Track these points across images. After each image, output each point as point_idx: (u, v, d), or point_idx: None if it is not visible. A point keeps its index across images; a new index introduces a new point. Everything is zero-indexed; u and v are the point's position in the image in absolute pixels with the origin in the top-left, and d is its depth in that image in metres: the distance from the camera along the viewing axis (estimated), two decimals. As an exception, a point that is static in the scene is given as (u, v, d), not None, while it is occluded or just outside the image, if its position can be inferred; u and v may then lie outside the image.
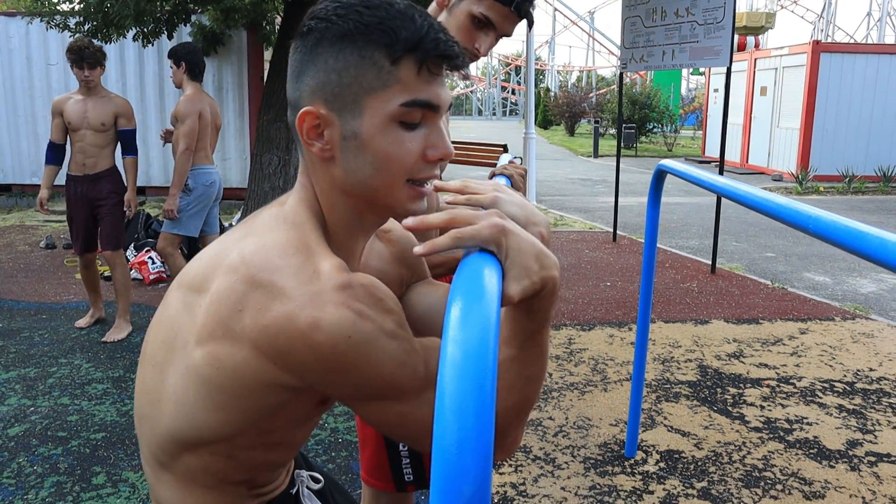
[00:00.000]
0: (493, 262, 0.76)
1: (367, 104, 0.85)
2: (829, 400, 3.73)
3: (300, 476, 1.17)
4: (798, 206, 1.32)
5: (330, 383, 0.84)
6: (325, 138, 0.88)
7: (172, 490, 0.99)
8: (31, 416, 3.39)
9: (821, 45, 14.18)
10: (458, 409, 0.56)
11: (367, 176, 0.88)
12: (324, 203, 0.93)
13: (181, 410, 0.91)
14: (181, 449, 0.94)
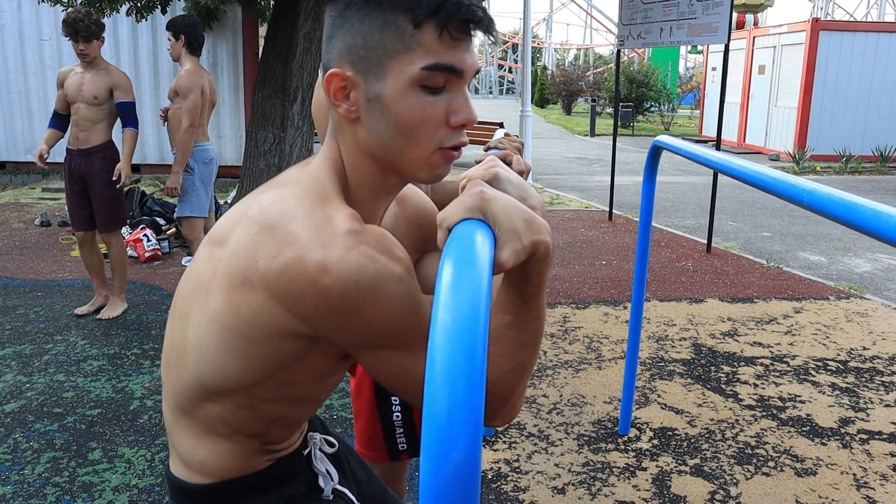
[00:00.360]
0: (485, 228, 0.75)
1: (390, 67, 0.86)
2: (823, 378, 3.75)
3: (313, 438, 1.18)
4: (793, 180, 1.32)
5: (337, 329, 0.85)
6: (350, 100, 0.90)
7: (190, 436, 1.02)
8: (26, 393, 3.40)
9: (820, 22, 14.10)
10: (449, 374, 0.56)
11: (390, 138, 0.89)
12: (348, 163, 0.95)
13: (204, 358, 0.94)
14: (204, 397, 0.97)
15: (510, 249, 0.76)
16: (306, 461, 1.15)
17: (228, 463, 1.03)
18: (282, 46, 6.96)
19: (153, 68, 9.68)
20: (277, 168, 7.25)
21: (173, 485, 1.07)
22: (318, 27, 6.86)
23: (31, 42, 9.69)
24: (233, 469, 1.03)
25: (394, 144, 0.89)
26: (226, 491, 1.04)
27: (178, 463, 1.05)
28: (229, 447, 1.02)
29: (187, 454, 1.03)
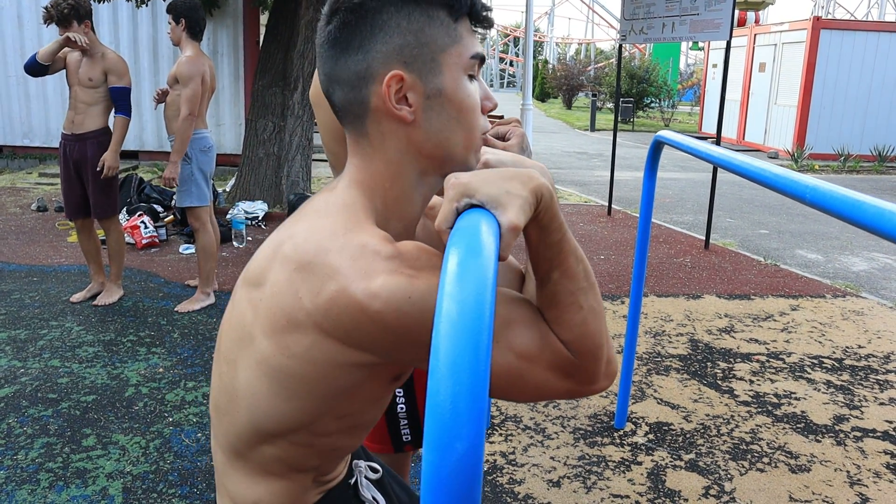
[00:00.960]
0: (488, 215, 0.74)
1: (444, 60, 0.88)
2: (818, 376, 3.76)
3: (358, 466, 1.17)
4: (796, 176, 1.32)
5: (401, 350, 0.83)
6: (409, 101, 0.88)
7: (244, 477, 1.00)
8: (21, 378, 3.39)
9: (821, 21, 14.09)
10: (453, 364, 0.55)
11: (451, 131, 0.90)
12: (388, 176, 0.92)
13: (257, 404, 0.92)
14: (260, 440, 0.95)
15: (514, 207, 0.75)
16: (353, 490, 1.14)
17: (282, 501, 1.01)
18: (283, 35, 6.93)
19: (153, 54, 9.63)
20: (276, 157, 7.23)
21: None
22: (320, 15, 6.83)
23: (29, 26, 9.64)
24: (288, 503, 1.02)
25: (454, 136, 0.91)
26: None
27: (228, 500, 1.04)
28: (284, 485, 1.00)
29: (240, 495, 1.01)
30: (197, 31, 4.37)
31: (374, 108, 0.89)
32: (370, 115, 0.90)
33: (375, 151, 0.92)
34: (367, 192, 0.92)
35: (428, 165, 0.93)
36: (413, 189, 0.94)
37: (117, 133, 4.27)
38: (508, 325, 0.84)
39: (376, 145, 0.91)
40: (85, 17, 4.17)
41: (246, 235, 6.02)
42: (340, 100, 0.91)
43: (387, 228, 0.91)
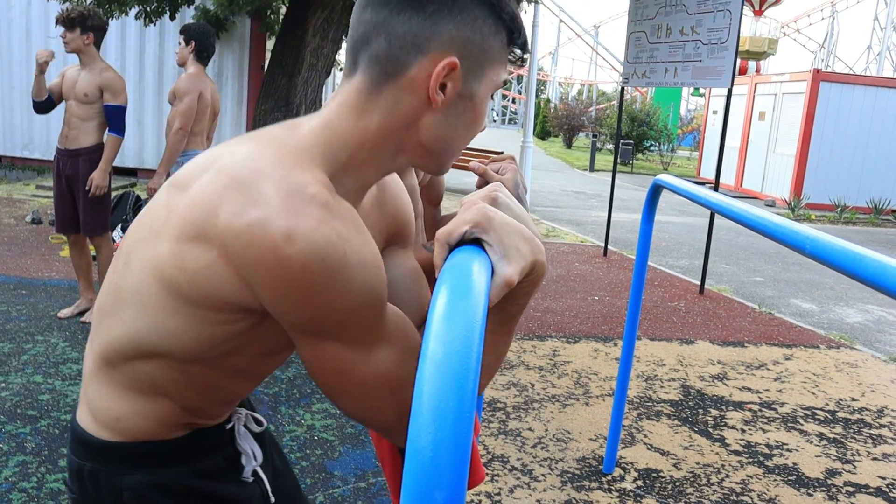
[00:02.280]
0: (482, 256, 0.72)
1: (488, 73, 0.90)
2: (811, 427, 3.71)
3: (238, 413, 1.10)
4: (795, 227, 1.30)
5: (286, 306, 0.78)
6: (446, 89, 0.87)
7: (109, 389, 0.95)
8: (1, 393, 3.33)
9: (821, 73, 14.27)
10: (437, 408, 0.53)
11: (457, 133, 0.91)
12: (371, 136, 0.88)
13: (141, 311, 0.88)
14: (136, 354, 0.91)
15: (516, 266, 0.75)
16: (229, 436, 1.08)
17: (145, 425, 0.96)
18: (288, 61, 6.98)
19: (158, 73, 9.69)
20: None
21: (78, 437, 0.99)
22: (326, 44, 6.88)
23: (37, 39, 9.70)
24: (148, 431, 0.96)
25: (456, 138, 0.92)
26: (135, 453, 0.97)
27: (88, 415, 0.98)
28: (150, 408, 0.95)
29: (101, 408, 0.96)
30: (204, 56, 4.40)
31: (411, 78, 0.86)
32: (401, 80, 0.86)
33: (377, 111, 0.88)
34: (338, 141, 0.88)
35: (413, 150, 0.91)
36: (385, 159, 0.91)
37: (108, 152, 4.23)
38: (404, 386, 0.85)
39: (382, 106, 0.87)
40: (89, 30, 4.15)
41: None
42: (378, 50, 0.86)
43: (339, 182, 0.87)
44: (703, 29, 6.42)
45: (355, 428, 3.27)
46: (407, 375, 0.85)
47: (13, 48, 9.75)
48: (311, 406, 3.46)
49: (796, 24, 43.71)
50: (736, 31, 6.10)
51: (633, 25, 7.43)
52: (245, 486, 1.08)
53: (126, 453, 0.96)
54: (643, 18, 7.28)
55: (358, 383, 0.83)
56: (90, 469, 0.97)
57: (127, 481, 0.96)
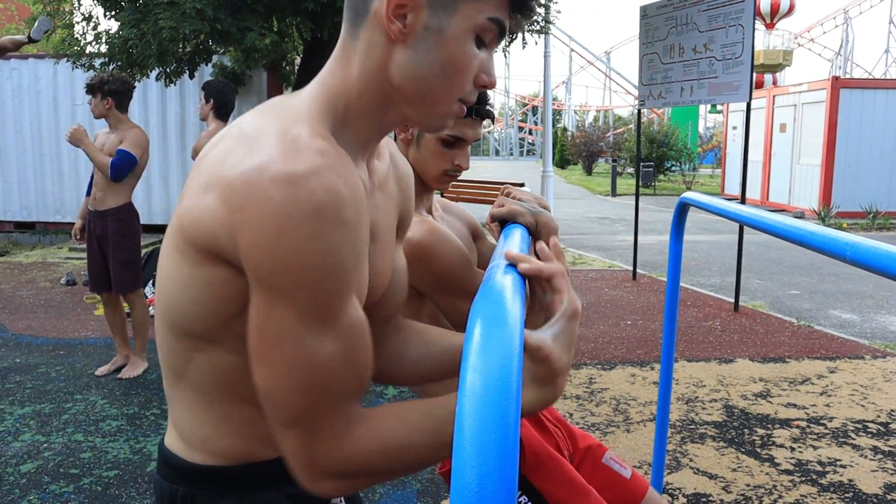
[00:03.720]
0: (518, 284, 0.71)
1: (461, 7, 0.84)
2: (863, 441, 3.60)
3: None
4: (833, 234, 1.27)
5: (257, 252, 0.75)
6: (406, 20, 0.84)
7: (186, 406, 0.94)
8: (44, 453, 3.35)
9: (840, 80, 14.16)
10: (480, 442, 0.51)
11: (431, 73, 0.85)
12: (359, 85, 0.87)
13: (172, 288, 0.87)
14: (187, 345, 0.89)
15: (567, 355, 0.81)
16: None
17: (234, 444, 0.94)
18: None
19: (181, 131, 9.90)
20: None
21: (168, 460, 0.97)
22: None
23: (64, 107, 9.98)
24: (238, 452, 0.94)
25: (430, 80, 0.85)
26: (229, 477, 0.95)
27: (177, 438, 0.97)
28: (232, 423, 0.93)
29: (187, 430, 0.94)
30: (223, 112, 4.54)
31: (374, 12, 0.84)
32: (368, 17, 0.85)
33: (357, 56, 0.87)
34: (332, 94, 0.87)
35: (395, 95, 0.88)
36: (375, 110, 0.89)
37: (97, 153, 4.25)
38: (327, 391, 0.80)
39: (360, 51, 0.87)
40: (108, 94, 4.27)
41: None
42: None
43: (340, 138, 0.86)
44: (717, 45, 6.41)
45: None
46: (335, 380, 0.79)
47: (42, 118, 10.04)
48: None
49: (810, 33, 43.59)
50: (750, 45, 6.08)
51: (645, 48, 7.44)
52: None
53: (220, 476, 0.95)
54: (654, 40, 7.30)
55: (287, 358, 0.77)
56: (183, 493, 0.96)
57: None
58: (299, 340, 0.77)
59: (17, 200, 10.23)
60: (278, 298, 0.76)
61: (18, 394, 4.13)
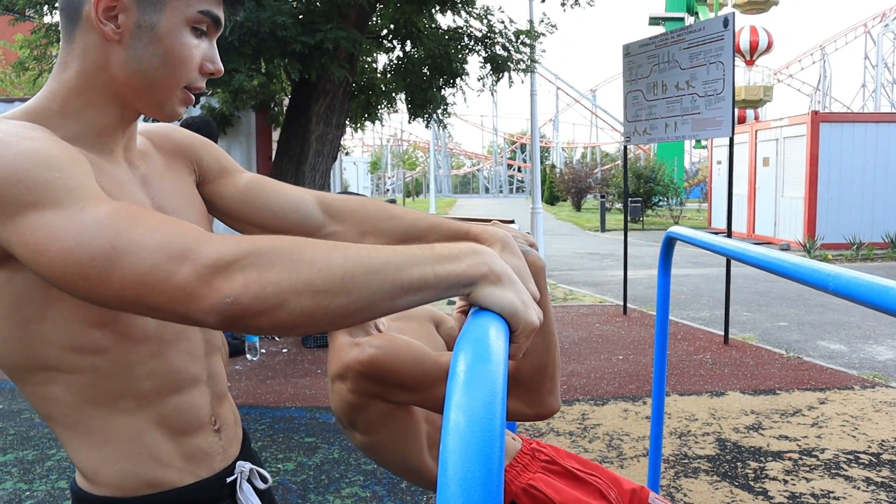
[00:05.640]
0: (500, 321, 0.71)
1: (169, 3, 0.90)
2: (856, 472, 3.58)
3: (242, 466, 1.06)
4: (816, 265, 1.28)
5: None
6: (118, 22, 0.89)
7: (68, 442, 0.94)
8: (26, 501, 3.28)
9: (820, 115, 14.39)
10: (463, 479, 0.51)
11: (152, 67, 0.91)
12: (76, 84, 0.91)
13: None
14: (28, 384, 0.90)
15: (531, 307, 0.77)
16: (229, 490, 1.04)
17: (124, 469, 0.93)
18: (294, 150, 7.12)
19: (169, 173, 9.90)
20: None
21: (75, 495, 0.98)
22: (330, 130, 7.04)
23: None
24: (132, 480, 0.94)
25: (153, 73, 0.91)
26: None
27: (78, 474, 0.97)
28: (115, 446, 0.92)
29: (81, 464, 0.94)
30: None
31: (86, 17, 0.89)
32: (81, 22, 0.90)
33: (74, 60, 0.91)
34: (47, 96, 0.91)
35: (124, 91, 0.92)
36: (102, 103, 0.92)
37: None
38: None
39: (76, 54, 0.91)
40: None
41: (259, 348, 5.97)
42: (62, 1, 0.91)
43: (58, 127, 0.89)
44: (698, 82, 6.52)
45: (386, 511, 3.19)
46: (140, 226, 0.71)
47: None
48: (341, 491, 3.38)
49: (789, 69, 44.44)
50: (730, 82, 6.19)
51: (629, 85, 7.56)
52: None
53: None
54: (638, 78, 7.42)
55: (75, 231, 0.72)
56: None
57: None
58: (70, 222, 0.72)
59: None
60: (22, 216, 0.74)
61: (1, 440, 4.06)
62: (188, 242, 0.69)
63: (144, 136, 1.08)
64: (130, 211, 0.73)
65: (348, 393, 1.40)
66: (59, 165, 0.76)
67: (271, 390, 4.98)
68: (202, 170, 1.13)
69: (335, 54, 6.28)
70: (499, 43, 7.60)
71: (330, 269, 0.69)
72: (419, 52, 7.46)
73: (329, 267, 0.69)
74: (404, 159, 56.82)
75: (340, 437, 4.07)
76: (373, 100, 8.26)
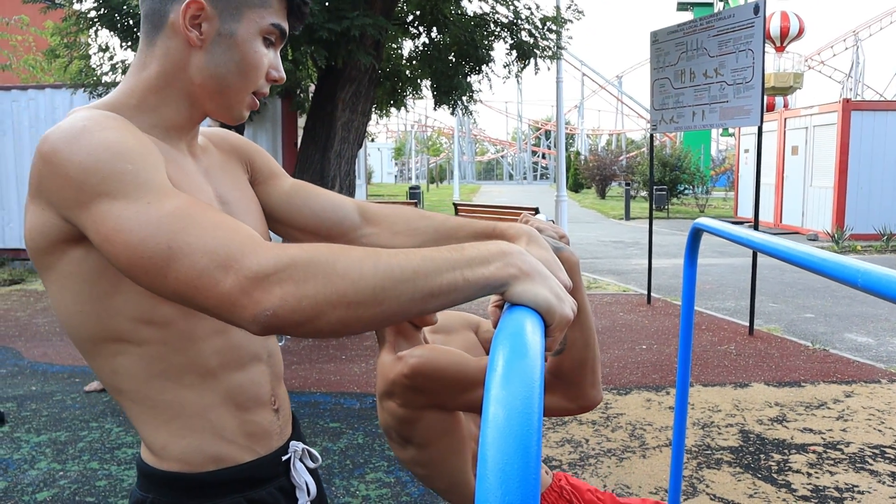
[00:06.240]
0: (535, 315, 0.73)
1: (246, 14, 0.99)
2: (881, 467, 3.56)
3: (295, 446, 1.13)
4: (844, 260, 1.28)
5: (58, 192, 0.83)
6: (201, 29, 0.98)
7: (139, 417, 0.99)
8: (59, 481, 3.37)
9: (851, 103, 14.15)
10: (502, 472, 0.53)
11: (228, 72, 1.00)
12: (154, 84, 0.99)
13: (61, 314, 0.96)
14: (100, 358, 0.96)
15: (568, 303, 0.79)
16: (284, 468, 1.10)
17: (190, 444, 0.99)
18: (320, 136, 7.16)
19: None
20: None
21: (141, 471, 1.04)
22: (356, 116, 7.06)
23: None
24: (197, 456, 1.00)
25: (228, 77, 1.00)
26: (191, 484, 1.00)
27: (145, 449, 1.03)
28: (181, 422, 0.98)
29: (149, 439, 1.00)
30: None
31: (171, 24, 0.98)
32: (165, 28, 0.98)
33: (154, 61, 1.00)
34: (124, 92, 0.99)
35: (197, 93, 1.01)
36: (176, 102, 1.01)
37: None
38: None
39: (157, 56, 1.00)
40: None
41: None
42: (146, 9, 1.00)
43: (133, 118, 0.97)
44: (727, 70, 6.45)
45: (410, 496, 3.23)
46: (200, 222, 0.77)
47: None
48: (365, 476, 3.43)
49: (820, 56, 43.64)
50: (760, 70, 6.11)
51: (656, 73, 7.49)
52: None
53: (184, 483, 1.00)
54: (665, 65, 7.34)
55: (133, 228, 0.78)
56: (152, 500, 1.01)
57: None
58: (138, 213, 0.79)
59: (35, 228, 10.35)
60: (97, 202, 0.81)
61: (34, 421, 4.16)
62: (234, 250, 0.74)
63: (204, 135, 1.16)
64: (189, 211, 0.79)
65: (399, 408, 1.45)
66: (132, 157, 0.83)
67: (296, 375, 5.05)
68: (254, 171, 1.21)
69: (361, 41, 6.29)
70: (525, 29, 7.56)
71: (363, 280, 0.73)
72: (445, 39, 7.44)
73: (362, 279, 0.73)
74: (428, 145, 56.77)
75: (365, 422, 4.12)
76: (399, 86, 8.26)
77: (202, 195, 1.01)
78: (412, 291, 0.74)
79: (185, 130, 1.04)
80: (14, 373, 5.19)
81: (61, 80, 11.34)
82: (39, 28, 14.27)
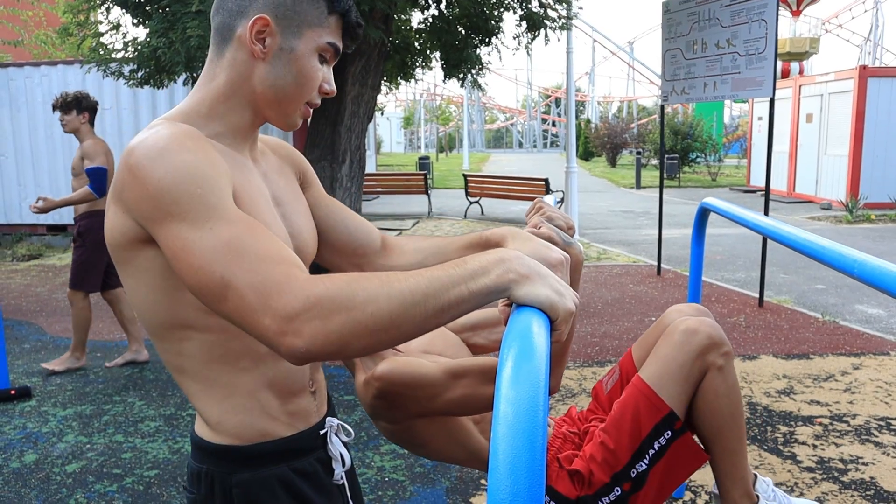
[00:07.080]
0: (540, 314, 0.79)
1: (306, 32, 1.11)
2: (886, 439, 3.63)
3: (331, 422, 1.25)
4: (843, 250, 1.33)
5: (136, 203, 0.95)
6: (265, 43, 1.09)
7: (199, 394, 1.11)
8: (87, 453, 3.49)
9: (868, 69, 13.98)
10: (511, 464, 0.60)
11: (286, 83, 1.11)
12: (223, 91, 1.12)
13: (134, 299, 1.08)
14: (168, 341, 1.08)
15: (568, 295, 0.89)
16: (322, 441, 1.23)
17: (244, 421, 1.11)
18: (331, 110, 7.19)
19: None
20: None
21: (196, 444, 1.16)
22: (366, 90, 7.08)
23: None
24: (248, 431, 1.12)
25: (286, 88, 1.12)
26: (242, 455, 1.12)
27: (201, 423, 1.15)
28: (237, 401, 1.10)
29: (206, 415, 1.12)
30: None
31: (238, 37, 1.10)
32: (233, 41, 1.10)
33: (223, 71, 1.12)
34: (195, 101, 1.12)
35: (258, 101, 1.13)
36: (241, 109, 1.13)
37: (73, 196, 4.50)
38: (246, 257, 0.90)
39: (225, 66, 1.12)
40: (85, 109, 4.52)
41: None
42: (218, 23, 1.12)
43: (203, 127, 1.10)
44: (739, 41, 6.41)
45: (424, 467, 3.33)
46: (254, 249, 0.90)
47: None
48: (380, 448, 3.53)
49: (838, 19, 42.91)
50: (773, 41, 6.07)
51: (668, 43, 7.45)
52: (331, 495, 1.23)
53: (235, 455, 1.12)
54: (677, 35, 7.30)
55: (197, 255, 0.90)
56: (206, 471, 1.13)
57: (236, 479, 1.12)
58: (201, 238, 0.91)
59: (51, 203, 10.46)
60: (168, 221, 0.93)
61: (60, 396, 4.29)
62: (272, 289, 0.86)
63: (262, 142, 1.29)
64: (242, 241, 0.91)
65: (389, 425, 1.56)
66: (202, 181, 0.95)
67: (312, 348, 5.15)
68: (304, 179, 1.36)
69: (371, 16, 6.29)
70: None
71: (380, 311, 0.84)
72: (454, 11, 7.41)
73: (379, 310, 0.84)
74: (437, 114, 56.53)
75: (379, 394, 4.22)
76: (408, 59, 8.26)
77: (260, 196, 1.13)
78: (424, 311, 0.86)
79: (247, 136, 1.17)
80: (38, 348, 5.32)
81: (74, 56, 11.37)
82: (50, 3, 14.27)
